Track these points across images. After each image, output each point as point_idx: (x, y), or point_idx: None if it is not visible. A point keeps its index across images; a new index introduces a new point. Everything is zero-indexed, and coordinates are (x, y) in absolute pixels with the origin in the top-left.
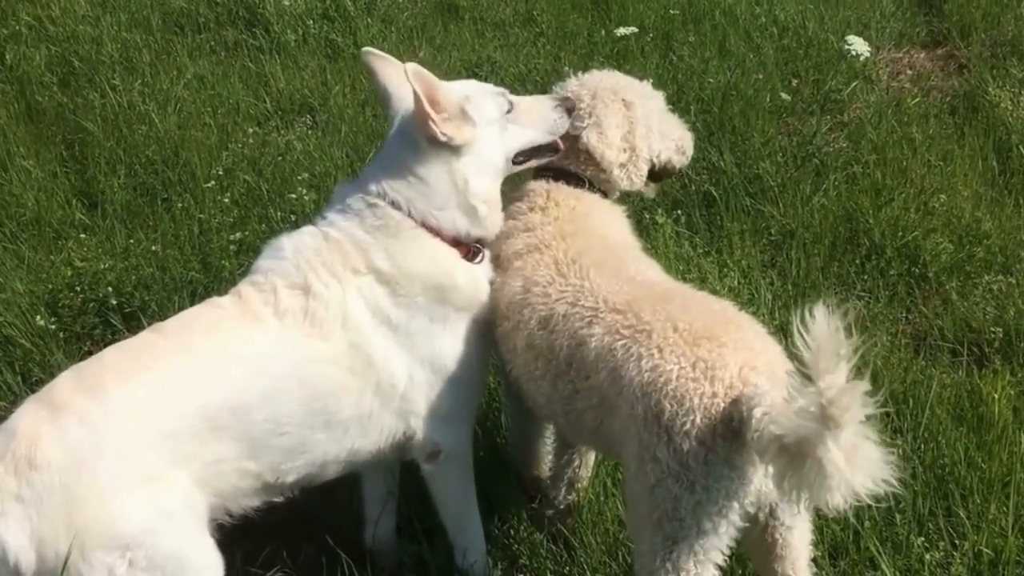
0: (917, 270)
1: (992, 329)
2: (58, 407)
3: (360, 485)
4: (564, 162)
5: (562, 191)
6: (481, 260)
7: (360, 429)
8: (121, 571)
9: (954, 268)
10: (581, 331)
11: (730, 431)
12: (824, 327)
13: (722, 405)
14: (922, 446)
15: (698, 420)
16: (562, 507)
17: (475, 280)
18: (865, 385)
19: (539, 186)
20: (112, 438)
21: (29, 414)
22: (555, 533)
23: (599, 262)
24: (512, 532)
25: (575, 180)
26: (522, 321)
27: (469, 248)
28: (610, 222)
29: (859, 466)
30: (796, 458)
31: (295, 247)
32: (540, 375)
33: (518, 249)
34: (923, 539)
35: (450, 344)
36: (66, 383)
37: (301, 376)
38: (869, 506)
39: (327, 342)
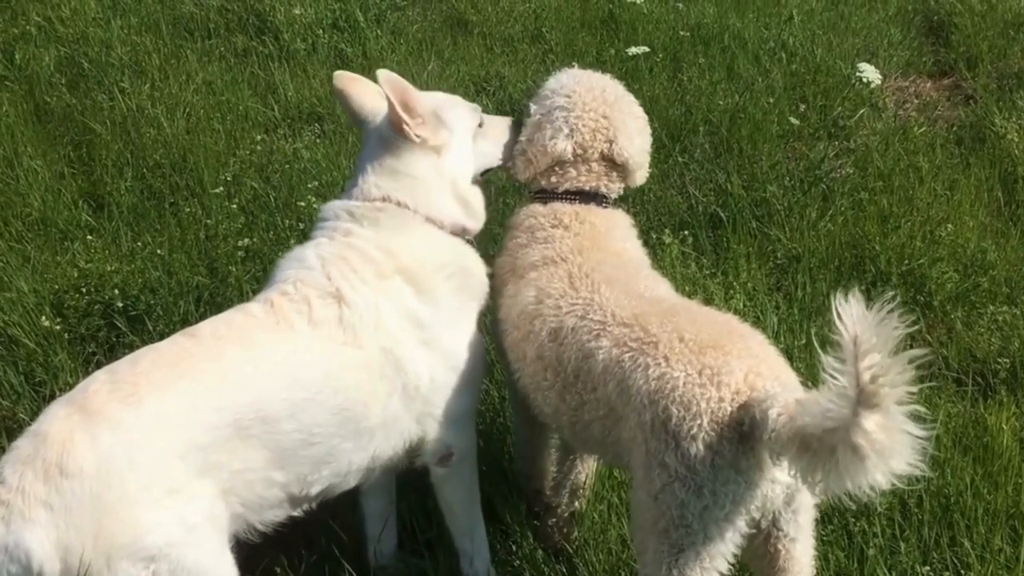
0: (922, 298)
1: (997, 360)
2: (92, 413)
3: (360, 501)
4: (594, 184)
5: (591, 211)
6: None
7: (384, 435)
8: None
9: (959, 297)
10: (589, 344)
11: (737, 435)
12: (862, 309)
13: (729, 410)
14: (927, 475)
15: (705, 424)
16: (565, 515)
17: (482, 265)
18: (909, 356)
19: (565, 207)
20: (144, 448)
21: (61, 418)
22: (558, 549)
23: (610, 277)
24: (515, 548)
25: (600, 200)
26: (533, 332)
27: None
28: (625, 239)
29: (897, 445)
30: (821, 451)
31: (320, 257)
32: (548, 386)
33: (534, 260)
34: (928, 568)
35: (464, 339)
36: (101, 388)
37: (336, 385)
38: (875, 534)
39: (361, 348)
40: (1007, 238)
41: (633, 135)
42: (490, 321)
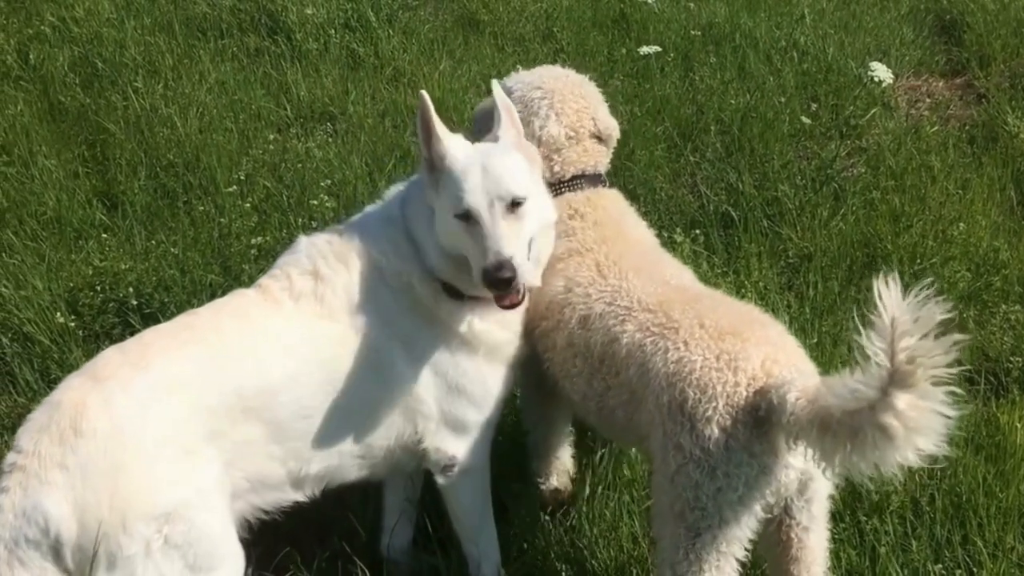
0: (934, 297)
1: (1010, 359)
2: (103, 379)
3: (380, 494)
4: (593, 164)
5: (600, 195)
6: (463, 299)
7: (374, 421)
8: (157, 546)
9: (972, 297)
10: (614, 328)
11: (752, 420)
12: (900, 293)
13: (744, 394)
14: (939, 473)
15: (720, 407)
16: (554, 486)
17: (440, 304)
18: (952, 341)
19: (577, 195)
20: (156, 408)
21: (73, 388)
22: (568, 548)
23: (638, 265)
24: (527, 548)
25: (603, 182)
26: (563, 320)
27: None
28: (637, 225)
29: (928, 424)
30: (842, 433)
31: (308, 242)
32: (577, 372)
33: (559, 253)
34: (940, 566)
35: (448, 354)
36: (110, 358)
37: (320, 357)
38: (887, 532)
39: (336, 323)
40: (1020, 237)
41: (606, 108)
42: None
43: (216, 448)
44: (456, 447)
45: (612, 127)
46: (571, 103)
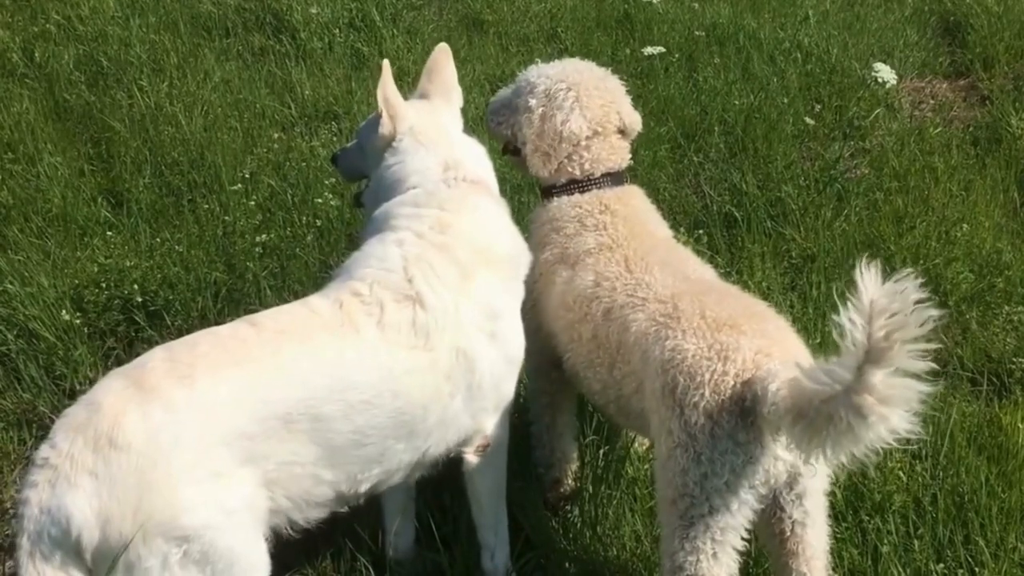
0: (937, 298)
1: (1013, 360)
2: (147, 389)
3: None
4: (619, 161)
5: (628, 192)
6: None
7: (441, 433)
8: (175, 560)
9: (974, 298)
10: (629, 317)
11: (738, 409)
12: (879, 277)
13: (731, 383)
14: (941, 473)
15: (707, 395)
16: (555, 476)
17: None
18: (923, 317)
19: (607, 192)
20: (192, 430)
21: (116, 391)
22: (570, 546)
23: (664, 261)
24: (531, 544)
25: (625, 179)
26: (589, 314)
27: None
28: (660, 224)
29: (900, 398)
30: (818, 419)
31: (404, 258)
32: (600, 363)
33: (589, 247)
34: (942, 566)
35: (517, 325)
36: (158, 365)
37: (396, 389)
38: (889, 531)
39: (432, 351)
40: (1023, 238)
41: (629, 101)
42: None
43: (255, 469)
44: (491, 422)
45: (636, 120)
46: (596, 97)
